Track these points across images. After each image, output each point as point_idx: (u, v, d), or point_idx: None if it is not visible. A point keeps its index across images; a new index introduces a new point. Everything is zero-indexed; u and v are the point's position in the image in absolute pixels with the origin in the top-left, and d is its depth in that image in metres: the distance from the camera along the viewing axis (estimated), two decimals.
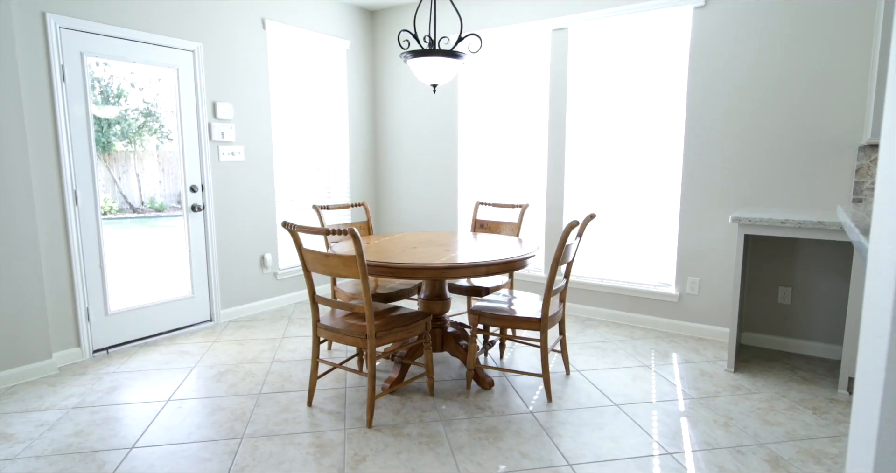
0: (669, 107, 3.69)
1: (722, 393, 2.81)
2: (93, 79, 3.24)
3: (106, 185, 3.41)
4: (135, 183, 3.59)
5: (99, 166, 3.34)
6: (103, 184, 3.39)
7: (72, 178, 3.18)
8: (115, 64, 3.36)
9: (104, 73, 3.30)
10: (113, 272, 3.45)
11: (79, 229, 3.24)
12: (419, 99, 4.94)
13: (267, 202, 4.34)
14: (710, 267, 3.63)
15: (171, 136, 3.70)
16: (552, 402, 2.70)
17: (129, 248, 3.57)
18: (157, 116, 3.62)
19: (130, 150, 3.53)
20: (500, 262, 2.55)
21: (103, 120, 3.33)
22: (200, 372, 3.11)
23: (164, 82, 3.62)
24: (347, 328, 2.48)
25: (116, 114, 3.40)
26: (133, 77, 3.45)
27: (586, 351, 3.43)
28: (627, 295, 3.99)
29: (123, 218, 3.54)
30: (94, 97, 3.27)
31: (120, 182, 3.49)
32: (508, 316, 2.70)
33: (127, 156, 3.51)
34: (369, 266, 2.51)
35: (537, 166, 4.34)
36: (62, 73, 3.11)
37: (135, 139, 3.53)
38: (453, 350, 3.01)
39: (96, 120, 3.30)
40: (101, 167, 3.34)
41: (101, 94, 3.31)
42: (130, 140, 3.51)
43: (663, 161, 3.77)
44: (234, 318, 4.16)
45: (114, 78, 3.36)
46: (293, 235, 2.46)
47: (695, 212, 3.65)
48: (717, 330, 3.64)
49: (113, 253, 3.45)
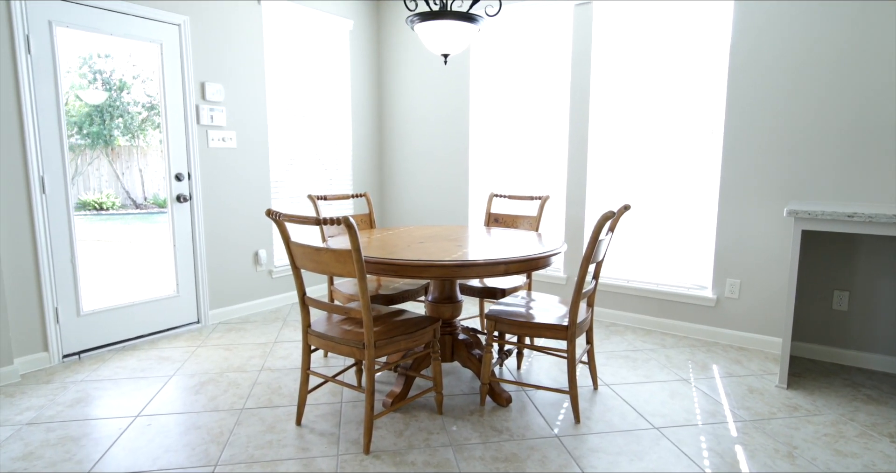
0: (706, 87, 3.29)
1: (777, 414, 2.41)
2: (84, 62, 2.90)
3: (109, 181, 3.20)
4: (138, 178, 3.34)
5: (102, 161, 3.15)
6: (106, 180, 3.19)
7: (38, 163, 2.84)
8: (90, 37, 3.01)
9: (88, 49, 2.95)
10: (90, 268, 3.10)
11: (46, 220, 2.89)
12: (428, 82, 4.56)
13: (262, 193, 3.98)
14: (752, 268, 3.23)
15: (157, 119, 3.35)
16: (580, 423, 2.32)
17: (117, 244, 3.23)
18: (143, 103, 3.28)
19: (134, 145, 3.27)
20: (522, 260, 2.17)
21: (103, 111, 3.05)
22: (179, 381, 2.75)
23: (146, 58, 3.26)
24: (342, 335, 2.11)
25: (104, 99, 3.09)
26: (120, 55, 3.10)
27: (614, 361, 3.05)
28: (657, 299, 3.59)
29: (126, 214, 3.32)
30: (82, 78, 2.92)
31: (123, 177, 3.28)
32: (530, 323, 2.32)
33: (130, 151, 3.29)
34: (368, 262, 2.14)
35: (556, 155, 3.96)
36: (27, 44, 2.76)
37: (138, 134, 3.27)
38: (465, 360, 2.63)
39: (95, 110, 3.03)
40: (104, 162, 3.14)
41: (92, 78, 2.97)
42: (133, 134, 3.26)
43: (699, 147, 3.37)
44: (224, 320, 3.81)
45: (103, 58, 3.02)
46: (279, 225, 2.10)
47: (736, 204, 3.25)
48: (760, 338, 3.24)
49: (93, 249, 3.10)
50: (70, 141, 2.99)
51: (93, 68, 3.04)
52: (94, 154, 3.12)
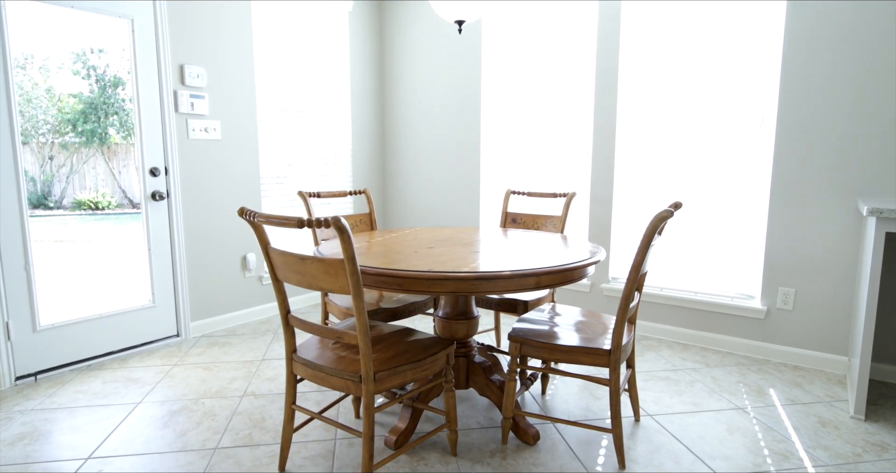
0: (755, 68, 2.87)
1: (864, 455, 1.99)
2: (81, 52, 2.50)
3: (105, 180, 2.95)
4: (135, 176, 3.00)
5: (98, 159, 2.92)
6: (102, 179, 2.94)
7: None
8: (45, 8, 2.60)
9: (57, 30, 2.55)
10: (51, 276, 2.70)
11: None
12: (435, 67, 4.14)
13: (250, 190, 3.57)
14: (810, 275, 2.81)
15: (129, 106, 2.95)
16: (625, 468, 1.90)
17: (86, 247, 2.83)
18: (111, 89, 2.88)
19: (130, 143, 2.99)
20: (556, 270, 1.75)
21: (97, 107, 2.75)
22: (146, 411, 2.34)
23: (116, 36, 2.86)
24: (335, 364, 1.70)
25: (86, 88, 2.75)
26: (85, 33, 2.69)
27: (653, 383, 2.63)
28: (696, 309, 3.17)
29: (122, 213, 3.05)
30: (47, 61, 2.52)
31: (120, 176, 3.02)
32: (564, 347, 1.90)
33: (127, 149, 3.01)
34: (367, 274, 1.73)
35: (578, 147, 3.53)
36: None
37: (134, 131, 2.97)
38: (482, 387, 2.22)
39: (90, 107, 2.72)
40: (100, 160, 2.91)
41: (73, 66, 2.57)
42: (129, 132, 2.98)
43: (746, 137, 2.94)
44: (207, 332, 3.40)
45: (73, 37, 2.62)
46: (255, 227, 1.69)
47: (791, 201, 2.82)
48: (820, 356, 2.81)
49: (57, 254, 2.70)
50: (63, 139, 2.82)
51: (79, 56, 2.69)
52: (90, 152, 2.91)
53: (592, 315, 2.26)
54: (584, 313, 2.28)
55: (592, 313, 2.29)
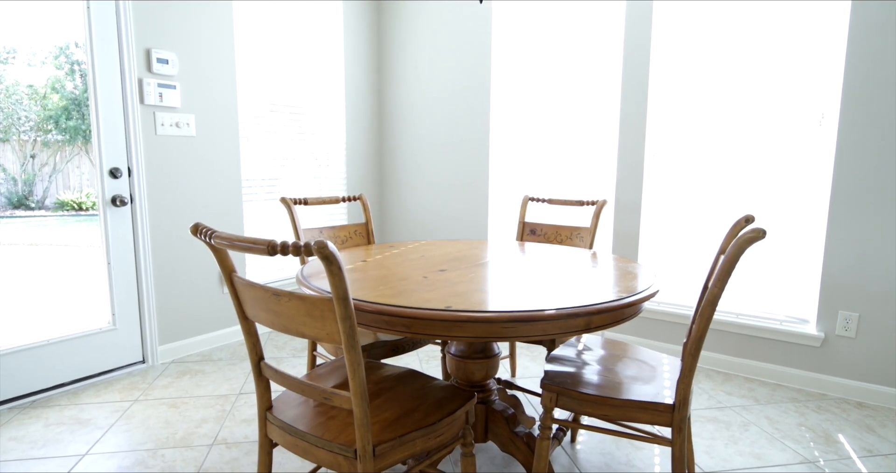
0: (812, 56, 2.48)
1: None
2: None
3: (90, 179, 2.66)
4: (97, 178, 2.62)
5: (82, 158, 2.64)
6: (87, 178, 2.67)
7: None
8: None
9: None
10: (1, 291, 2.27)
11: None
12: (439, 60, 3.73)
13: (230, 195, 3.15)
14: (877, 298, 2.42)
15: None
16: None
17: (32, 261, 2.39)
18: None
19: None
20: (612, 308, 1.34)
21: (80, 103, 2.37)
22: (90, 467, 1.92)
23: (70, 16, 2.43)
24: (321, 431, 1.28)
25: (69, 84, 2.40)
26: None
27: (700, 425, 2.23)
28: (738, 334, 2.78)
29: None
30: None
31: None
32: (613, 400, 1.49)
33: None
34: (364, 311, 1.31)
35: (600, 147, 3.13)
36: None
37: (91, 125, 2.63)
38: (505, 442, 1.81)
39: (73, 103, 2.33)
40: (84, 159, 2.66)
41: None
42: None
43: (800, 139, 2.56)
44: (179, 357, 2.97)
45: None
46: (214, 250, 1.27)
47: (855, 211, 2.43)
48: (888, 392, 2.42)
49: (23, 261, 2.28)
50: (48, 137, 2.57)
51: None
52: (73, 150, 2.64)
53: (633, 350, 1.85)
54: (623, 348, 1.88)
55: (632, 347, 1.88)
